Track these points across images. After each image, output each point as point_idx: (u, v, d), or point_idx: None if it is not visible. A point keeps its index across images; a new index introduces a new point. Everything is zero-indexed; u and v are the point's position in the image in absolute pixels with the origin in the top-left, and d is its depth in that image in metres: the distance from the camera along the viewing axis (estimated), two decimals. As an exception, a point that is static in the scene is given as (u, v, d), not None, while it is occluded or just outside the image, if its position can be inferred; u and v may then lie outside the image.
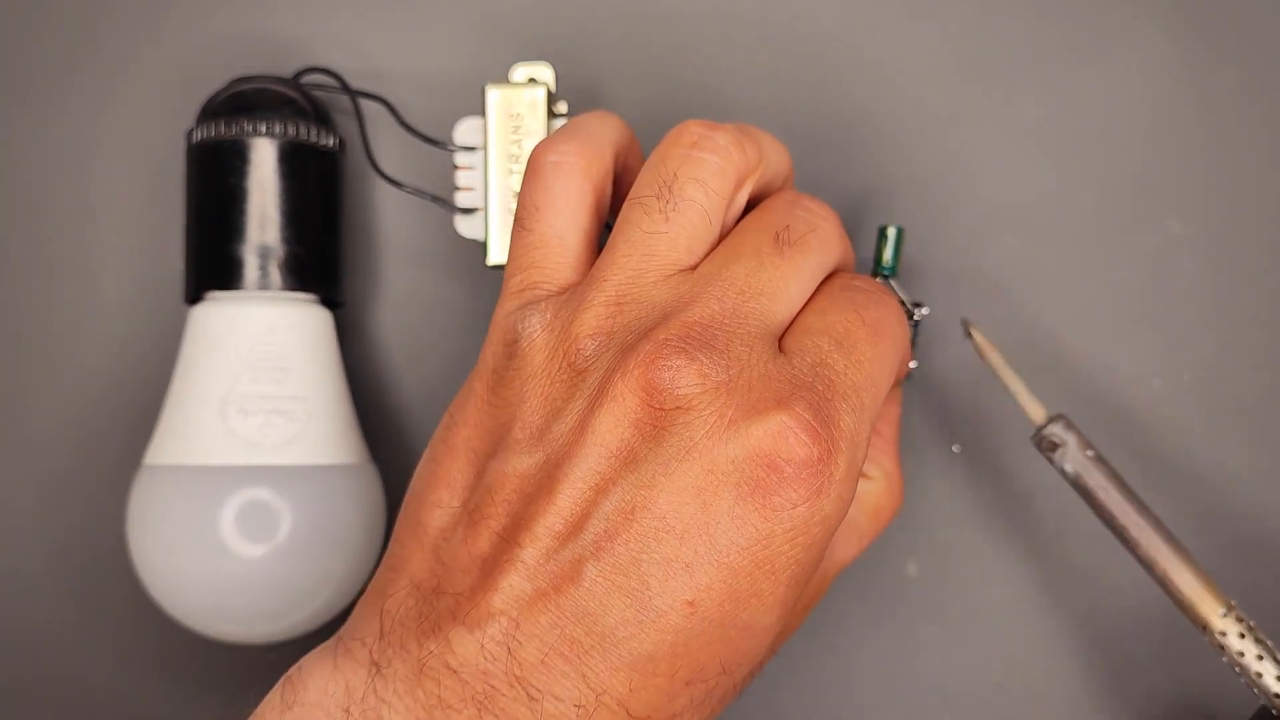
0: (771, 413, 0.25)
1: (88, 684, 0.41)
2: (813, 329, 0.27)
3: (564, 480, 0.25)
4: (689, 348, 0.25)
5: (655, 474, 0.24)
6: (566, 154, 0.29)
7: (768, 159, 0.31)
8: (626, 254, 0.27)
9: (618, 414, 0.25)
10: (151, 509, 0.36)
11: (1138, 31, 0.40)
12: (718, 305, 0.26)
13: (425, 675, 0.24)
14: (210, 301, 0.37)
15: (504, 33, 0.41)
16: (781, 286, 0.27)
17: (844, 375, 0.26)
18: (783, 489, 0.24)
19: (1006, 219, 0.40)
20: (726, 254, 0.28)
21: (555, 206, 0.29)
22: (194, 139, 0.37)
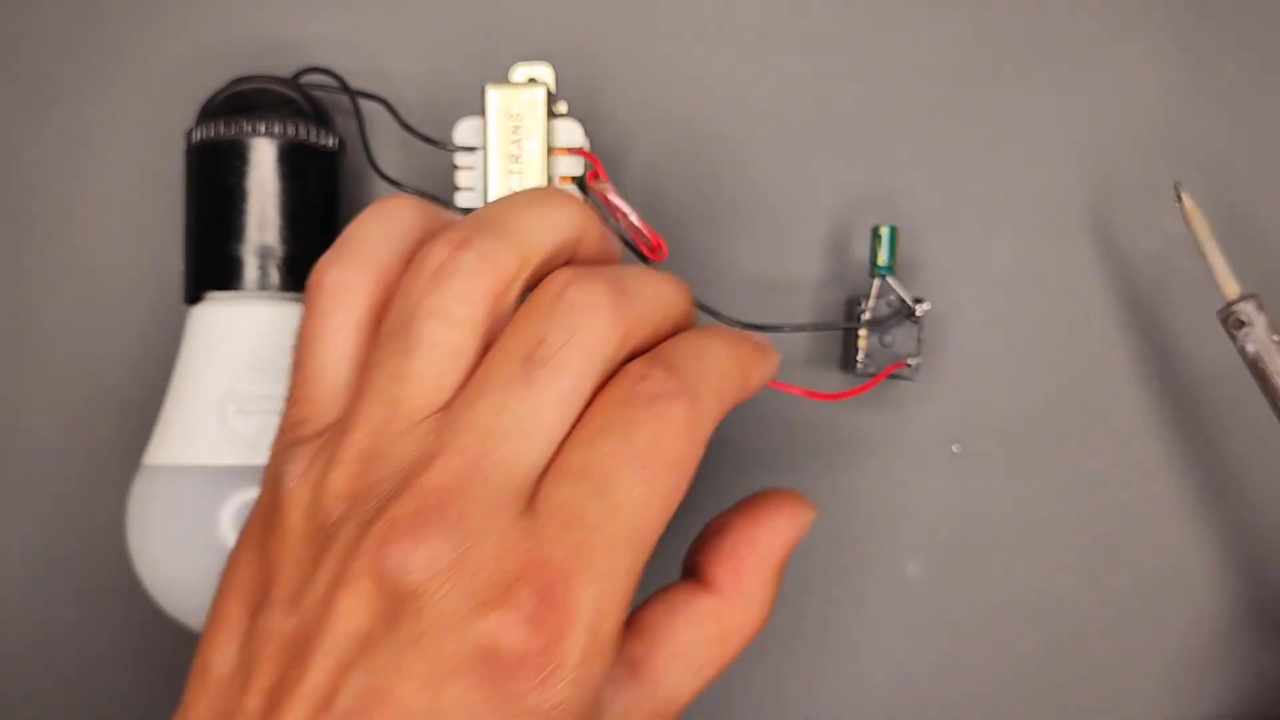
0: (493, 607, 0.23)
1: (87, 684, 0.41)
2: (570, 469, 0.25)
3: (314, 654, 0.24)
4: (418, 527, 0.23)
5: (390, 662, 0.23)
6: (339, 276, 0.27)
7: (541, 244, 0.27)
8: (372, 401, 0.25)
9: (355, 597, 0.24)
10: (151, 509, 0.36)
11: (1138, 31, 0.40)
12: (458, 460, 0.24)
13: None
14: (210, 302, 0.37)
15: (504, 33, 0.41)
16: (532, 422, 0.25)
17: (595, 532, 0.24)
18: (508, 680, 0.23)
19: (1006, 218, 0.40)
20: (472, 390, 0.25)
21: (325, 337, 0.27)
22: (194, 139, 0.37)
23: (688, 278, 0.40)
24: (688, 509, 0.41)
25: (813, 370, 0.41)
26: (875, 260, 0.37)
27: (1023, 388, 0.40)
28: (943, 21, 0.41)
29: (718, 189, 0.41)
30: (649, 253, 0.36)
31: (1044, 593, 0.40)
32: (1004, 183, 0.40)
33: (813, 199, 0.41)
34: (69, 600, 0.41)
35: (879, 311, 0.37)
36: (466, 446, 0.24)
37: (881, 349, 0.37)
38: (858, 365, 0.37)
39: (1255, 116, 0.40)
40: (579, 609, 0.24)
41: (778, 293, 0.40)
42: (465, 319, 0.26)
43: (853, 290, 0.40)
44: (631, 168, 0.41)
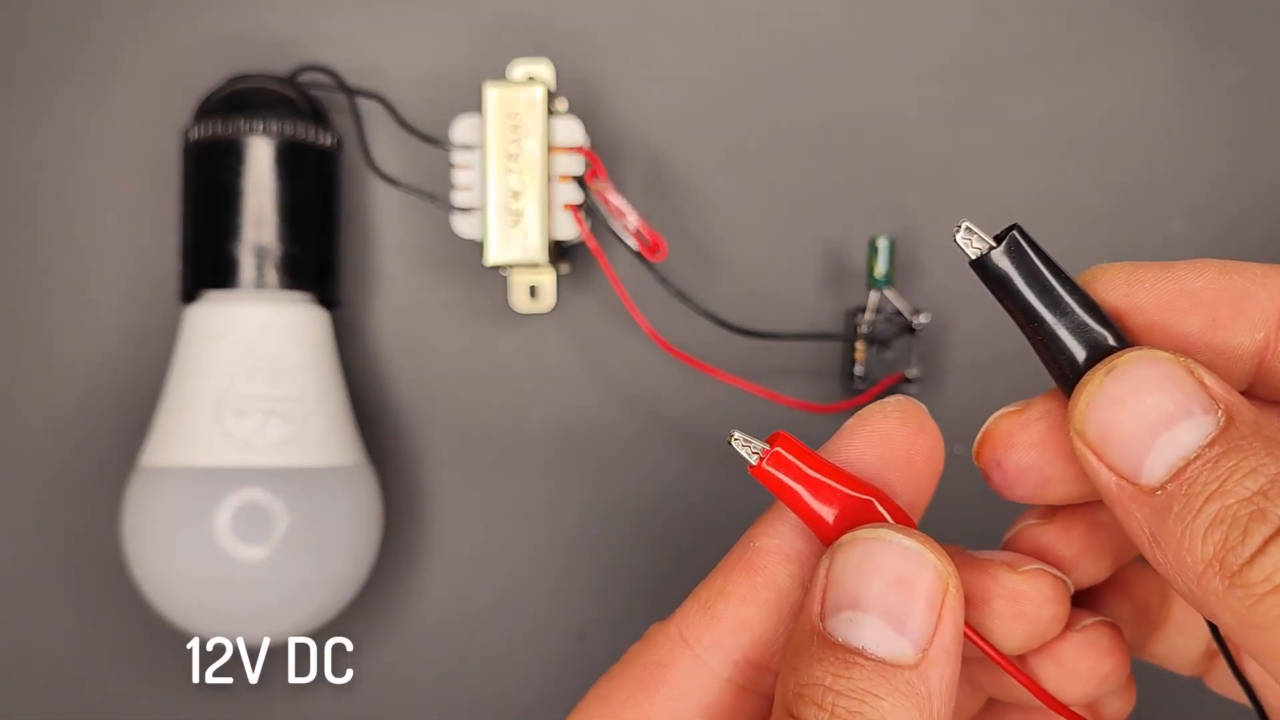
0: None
1: (83, 685, 0.41)
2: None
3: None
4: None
5: None
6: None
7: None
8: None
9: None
10: (147, 510, 0.36)
11: (1139, 32, 0.40)
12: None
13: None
14: (206, 301, 0.37)
15: (502, 30, 0.41)
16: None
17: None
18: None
19: (1007, 219, 0.40)
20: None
21: None
22: (190, 137, 0.37)
23: (686, 278, 0.40)
24: (691, 515, 0.41)
25: (812, 381, 0.40)
26: (872, 272, 0.37)
27: (1029, 389, 0.40)
28: (944, 21, 0.40)
29: (717, 190, 0.41)
30: (648, 253, 0.36)
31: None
32: (1002, 186, 0.40)
33: (812, 200, 0.40)
34: (64, 601, 0.41)
35: (877, 324, 0.37)
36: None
37: (880, 362, 0.37)
38: (856, 378, 0.37)
39: (1258, 116, 0.40)
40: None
41: (774, 295, 0.40)
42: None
43: (853, 292, 0.40)
44: (631, 167, 0.41)
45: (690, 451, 0.41)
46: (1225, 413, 0.19)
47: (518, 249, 0.36)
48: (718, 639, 0.23)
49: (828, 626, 0.20)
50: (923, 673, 0.20)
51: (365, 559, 0.38)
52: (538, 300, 0.40)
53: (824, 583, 0.21)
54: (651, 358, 0.40)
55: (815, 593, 0.21)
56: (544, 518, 0.41)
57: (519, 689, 0.41)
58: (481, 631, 0.41)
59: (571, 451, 0.41)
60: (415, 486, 0.41)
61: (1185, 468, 0.19)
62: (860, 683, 0.20)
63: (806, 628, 0.21)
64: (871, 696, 0.20)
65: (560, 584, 0.41)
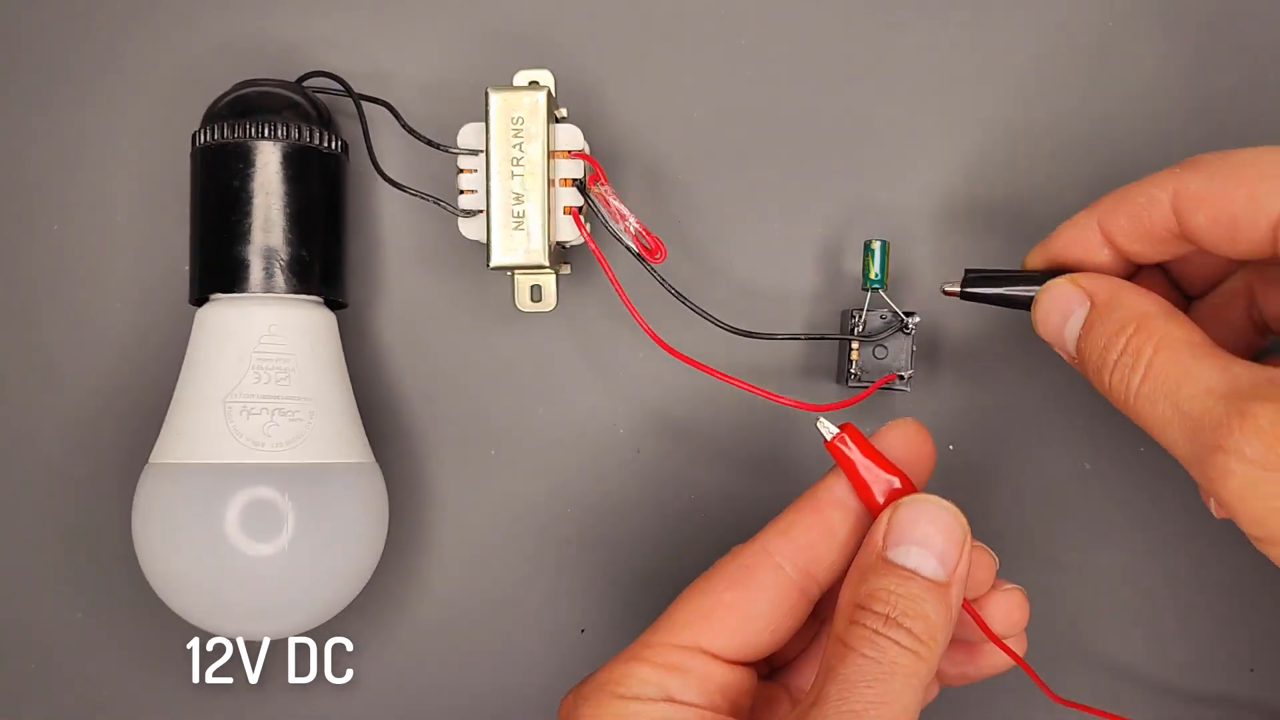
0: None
1: (93, 680, 0.42)
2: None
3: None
4: None
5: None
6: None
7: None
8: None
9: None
10: (157, 507, 0.36)
11: (1136, 35, 0.40)
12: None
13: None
14: (215, 303, 0.37)
15: (506, 39, 0.41)
16: None
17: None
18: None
19: (1002, 219, 0.40)
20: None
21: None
22: (199, 142, 0.37)
23: (685, 280, 0.40)
24: (691, 513, 0.42)
25: (808, 380, 0.41)
26: (867, 274, 0.37)
27: (1018, 388, 0.41)
28: (941, 25, 0.41)
29: (713, 194, 0.41)
30: (648, 255, 0.36)
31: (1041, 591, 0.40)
32: (994, 190, 0.41)
33: (807, 204, 0.41)
34: (75, 596, 0.41)
35: (872, 324, 0.38)
36: None
37: (875, 361, 0.38)
38: (850, 377, 0.38)
39: (1255, 117, 0.40)
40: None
41: (771, 296, 0.41)
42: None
43: (847, 294, 0.41)
44: (630, 172, 0.41)
45: (690, 450, 0.41)
46: (1091, 301, 0.32)
47: (520, 251, 0.36)
48: (790, 553, 0.32)
49: (891, 555, 0.31)
50: (949, 589, 0.30)
51: (372, 555, 0.38)
52: (540, 300, 0.40)
53: (886, 526, 0.31)
54: (652, 357, 0.40)
55: (880, 529, 0.31)
56: (545, 514, 0.41)
57: (519, 687, 0.41)
58: (482, 630, 0.41)
59: (573, 449, 0.41)
60: (418, 484, 0.41)
61: (1079, 342, 0.32)
62: (913, 590, 0.30)
63: (873, 553, 0.31)
64: (919, 600, 0.30)
65: (561, 581, 0.41)
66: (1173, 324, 0.31)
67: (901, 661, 0.29)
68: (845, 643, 0.29)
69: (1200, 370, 0.29)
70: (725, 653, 0.32)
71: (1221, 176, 0.31)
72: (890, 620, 0.29)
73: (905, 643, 0.29)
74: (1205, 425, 0.29)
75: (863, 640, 0.29)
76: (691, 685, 0.31)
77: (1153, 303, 0.32)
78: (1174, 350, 0.30)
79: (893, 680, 0.29)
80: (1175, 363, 0.30)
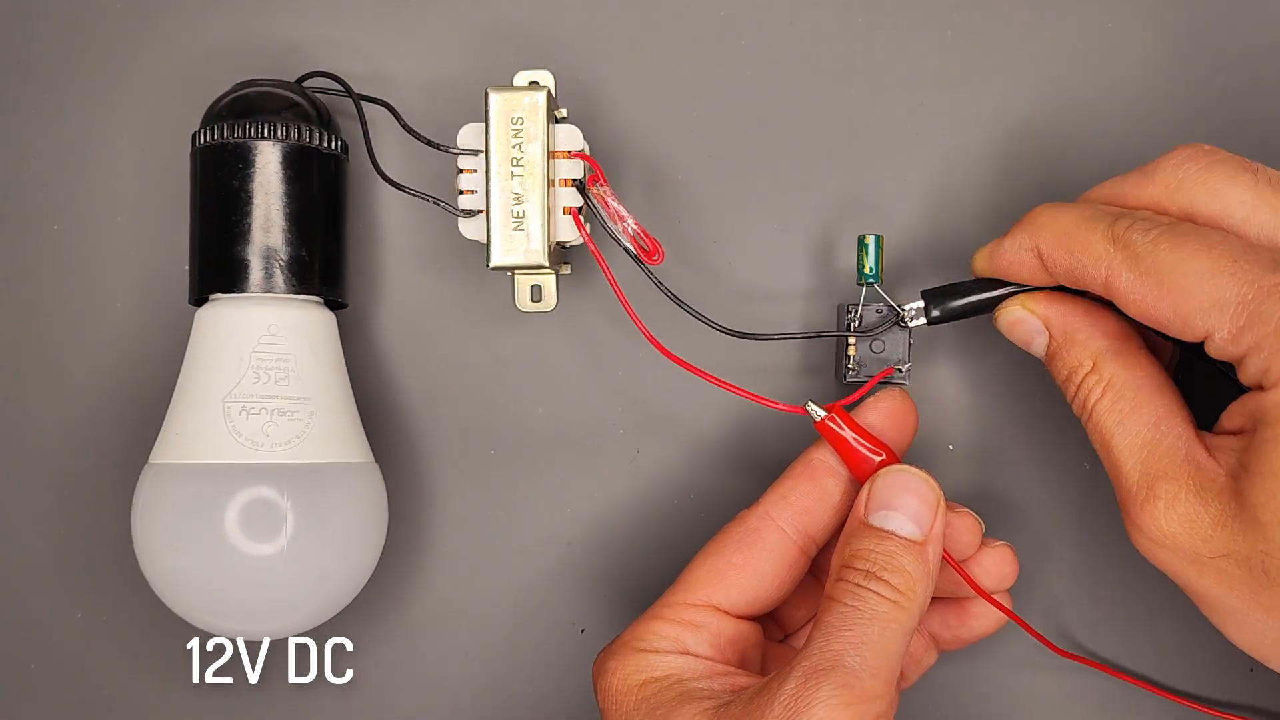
0: None
1: (93, 680, 0.42)
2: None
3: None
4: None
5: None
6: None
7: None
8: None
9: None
10: (157, 507, 0.36)
11: (1133, 35, 0.41)
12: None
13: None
14: (215, 303, 0.37)
15: (506, 39, 0.41)
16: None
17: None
18: None
19: (1001, 221, 0.40)
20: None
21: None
22: (199, 142, 0.37)
23: (683, 281, 0.40)
24: (690, 512, 0.42)
25: (808, 379, 0.41)
26: (862, 268, 0.37)
27: (1018, 387, 0.41)
28: (940, 25, 0.41)
29: (711, 195, 0.41)
30: (646, 257, 0.36)
31: (1041, 591, 0.41)
32: (989, 190, 0.41)
33: (804, 204, 0.41)
34: (74, 596, 0.41)
35: (868, 319, 0.38)
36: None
37: (872, 356, 0.38)
38: (848, 373, 0.38)
39: (1252, 119, 0.40)
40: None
41: (769, 296, 0.41)
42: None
43: (844, 293, 0.41)
44: (629, 174, 0.41)
45: (690, 450, 0.41)
46: (1049, 333, 0.35)
47: (520, 251, 0.36)
48: (790, 516, 0.36)
49: (871, 519, 0.34)
50: (925, 548, 0.33)
51: (372, 554, 0.38)
52: (540, 301, 0.40)
53: (868, 494, 0.34)
54: (652, 357, 0.40)
55: (862, 499, 0.34)
56: (545, 514, 0.41)
57: (519, 687, 0.41)
58: (482, 630, 0.42)
59: (572, 448, 0.41)
60: (418, 484, 0.41)
61: (1045, 364, 0.35)
62: (891, 548, 0.33)
63: (856, 520, 0.34)
64: (897, 557, 0.33)
65: (561, 581, 0.41)
66: (1120, 363, 0.33)
67: (880, 609, 0.32)
68: (831, 596, 0.32)
69: (1132, 424, 0.33)
70: (735, 608, 0.35)
71: (1150, 281, 0.31)
72: (870, 574, 0.32)
73: (884, 593, 0.32)
74: (1121, 485, 0.33)
75: (845, 592, 0.32)
76: (704, 639, 0.35)
77: (1106, 335, 0.34)
78: (1115, 397, 0.33)
79: (871, 625, 0.31)
80: (1112, 412, 0.33)
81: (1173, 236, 0.31)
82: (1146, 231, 0.32)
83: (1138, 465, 0.32)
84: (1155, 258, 0.31)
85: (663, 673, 0.34)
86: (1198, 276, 0.31)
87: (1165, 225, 0.32)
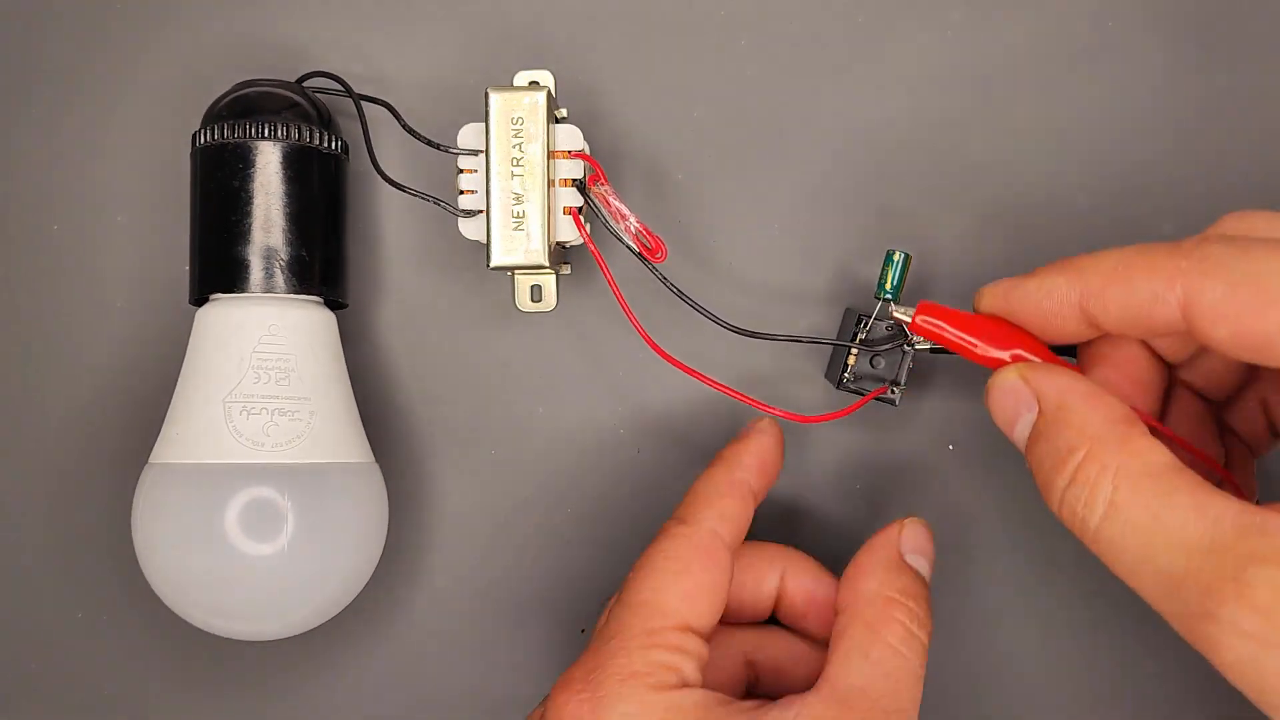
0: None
1: (92, 680, 0.42)
2: None
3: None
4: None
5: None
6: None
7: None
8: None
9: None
10: (156, 507, 0.36)
11: (1132, 37, 0.41)
12: None
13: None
14: (215, 303, 0.37)
15: (506, 39, 0.41)
16: None
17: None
18: None
19: (1001, 223, 0.40)
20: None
21: None
22: (199, 142, 0.37)
23: (684, 282, 0.40)
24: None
25: (806, 384, 0.41)
26: (883, 283, 0.37)
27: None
28: (941, 27, 0.41)
29: (711, 196, 0.41)
30: (649, 255, 0.36)
31: (1041, 590, 0.41)
32: (994, 190, 0.41)
33: (804, 205, 0.41)
34: (74, 597, 0.42)
35: (875, 332, 0.37)
36: None
37: (869, 370, 0.38)
38: (843, 381, 0.38)
39: (1249, 120, 0.40)
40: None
41: (771, 299, 0.41)
42: None
43: (848, 297, 0.41)
44: (628, 175, 0.41)
45: (690, 450, 0.41)
46: (1040, 408, 0.30)
47: (520, 251, 0.36)
48: (727, 532, 0.35)
49: (908, 558, 0.35)
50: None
51: (372, 555, 0.38)
52: (540, 301, 0.40)
53: (901, 535, 0.35)
54: (652, 358, 0.40)
55: (896, 538, 0.35)
56: (545, 515, 0.41)
57: (519, 687, 0.41)
58: (482, 630, 0.42)
59: (573, 449, 0.41)
60: (418, 484, 0.41)
61: (1027, 451, 0.31)
62: (923, 591, 0.34)
63: (895, 554, 0.35)
64: (925, 600, 0.34)
65: (561, 581, 0.41)
66: (1127, 449, 0.28)
67: (918, 656, 0.33)
68: (875, 629, 0.33)
69: (1172, 517, 0.26)
70: (704, 631, 0.34)
71: (1246, 291, 0.26)
72: (915, 617, 0.33)
73: (923, 639, 0.33)
74: (1189, 588, 0.25)
75: (894, 634, 0.33)
76: (695, 666, 0.33)
77: (1104, 417, 0.29)
78: (1135, 487, 0.27)
79: (913, 668, 0.33)
80: (1140, 505, 0.27)
81: (1262, 245, 0.26)
82: (1227, 244, 0.27)
83: (1204, 560, 0.25)
84: (1248, 263, 0.26)
85: (695, 713, 0.31)
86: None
87: (1244, 238, 0.27)
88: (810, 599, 0.37)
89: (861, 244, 0.40)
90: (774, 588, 0.37)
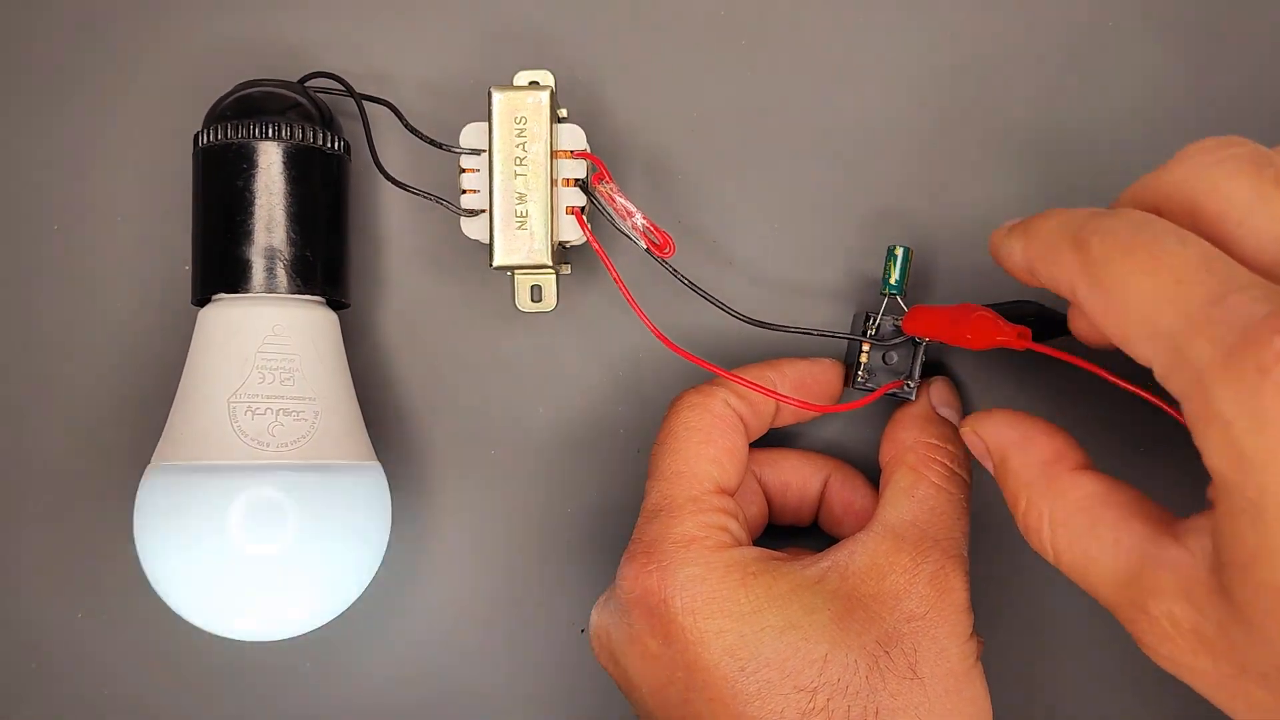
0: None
1: (95, 682, 0.42)
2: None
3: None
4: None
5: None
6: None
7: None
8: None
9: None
10: (159, 508, 0.36)
11: (1132, 37, 0.41)
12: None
13: None
14: (218, 303, 0.37)
15: (506, 39, 0.41)
16: None
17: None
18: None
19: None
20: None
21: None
22: (201, 143, 0.37)
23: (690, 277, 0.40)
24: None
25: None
26: (887, 278, 0.37)
27: (1018, 386, 0.41)
28: (940, 26, 0.41)
29: (715, 194, 0.41)
30: (657, 250, 0.36)
31: (1041, 590, 0.41)
32: (993, 187, 0.41)
33: (808, 202, 0.41)
34: (77, 598, 0.41)
35: (884, 329, 0.38)
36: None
37: (882, 366, 0.38)
38: (857, 379, 0.38)
39: (1248, 121, 0.41)
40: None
41: (773, 297, 0.41)
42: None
43: (853, 294, 0.41)
44: (630, 173, 0.41)
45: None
46: (991, 459, 0.33)
47: (523, 251, 0.36)
48: (746, 411, 0.37)
49: (940, 411, 0.38)
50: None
51: (375, 556, 0.38)
52: (540, 301, 0.40)
53: (930, 393, 0.38)
54: (653, 357, 0.41)
55: (927, 395, 0.38)
56: (546, 514, 0.41)
57: (519, 687, 0.42)
58: (482, 630, 0.42)
59: (573, 448, 0.41)
60: (419, 484, 0.41)
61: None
62: (955, 435, 0.37)
63: (928, 408, 0.37)
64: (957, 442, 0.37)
65: (561, 581, 0.41)
66: (1054, 490, 0.31)
67: (960, 496, 0.36)
68: (920, 473, 0.36)
69: (1098, 552, 0.29)
70: (735, 491, 0.36)
71: (1099, 298, 0.27)
72: (958, 461, 0.36)
73: (964, 477, 0.36)
74: (1122, 617, 0.29)
75: (941, 477, 0.36)
76: (737, 524, 0.35)
77: (1036, 461, 0.32)
78: (1067, 527, 0.30)
79: (961, 507, 0.36)
80: (1074, 547, 0.30)
81: (1129, 241, 0.27)
82: (1105, 237, 0.27)
83: (1121, 593, 0.29)
84: (1107, 267, 0.27)
85: (755, 566, 0.34)
86: (1139, 295, 0.26)
87: (1130, 226, 0.27)
88: (848, 508, 0.39)
89: (863, 241, 0.40)
90: (817, 492, 0.39)
